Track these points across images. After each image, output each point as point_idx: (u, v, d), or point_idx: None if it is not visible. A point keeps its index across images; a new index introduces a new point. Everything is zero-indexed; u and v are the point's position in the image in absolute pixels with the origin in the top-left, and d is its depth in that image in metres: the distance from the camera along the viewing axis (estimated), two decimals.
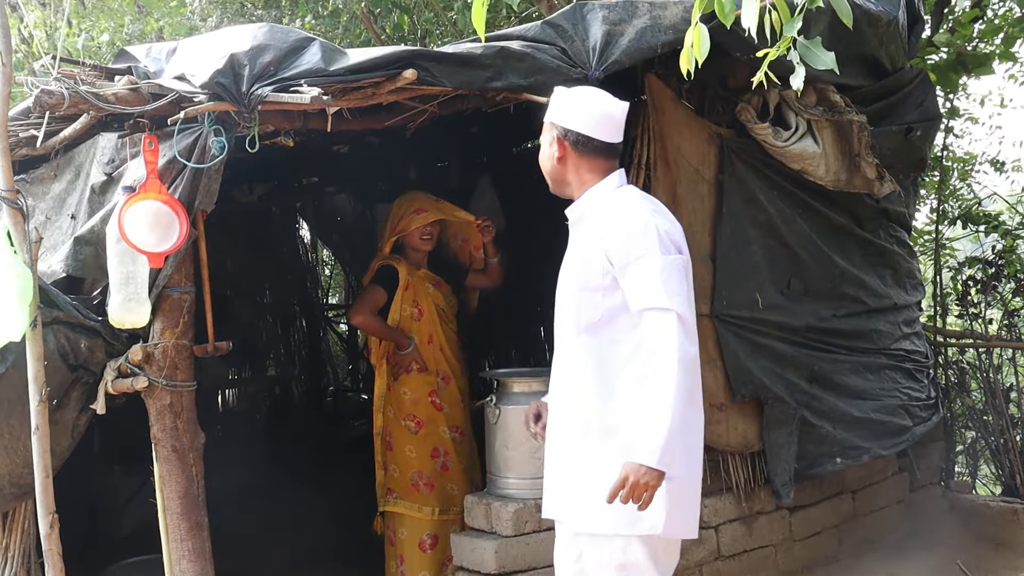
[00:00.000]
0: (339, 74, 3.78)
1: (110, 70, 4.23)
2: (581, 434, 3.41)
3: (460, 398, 5.53)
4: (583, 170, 3.50)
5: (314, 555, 6.47)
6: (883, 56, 5.39)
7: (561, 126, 3.48)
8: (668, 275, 3.26)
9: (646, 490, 3.13)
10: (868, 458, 5.59)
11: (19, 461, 4.08)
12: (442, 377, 5.46)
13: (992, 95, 9.04)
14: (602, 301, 3.36)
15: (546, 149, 3.55)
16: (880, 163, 5.43)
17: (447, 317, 5.53)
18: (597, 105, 3.49)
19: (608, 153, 3.51)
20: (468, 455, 5.50)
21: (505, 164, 7.53)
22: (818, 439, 5.31)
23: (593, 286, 3.37)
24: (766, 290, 5.18)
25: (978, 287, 7.26)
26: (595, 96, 3.52)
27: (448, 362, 5.50)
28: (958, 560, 5.61)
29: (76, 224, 4.26)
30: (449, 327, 5.54)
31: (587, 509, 3.37)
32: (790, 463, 5.19)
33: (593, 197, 3.50)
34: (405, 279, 5.37)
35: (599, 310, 3.37)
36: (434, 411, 5.40)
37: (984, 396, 7.09)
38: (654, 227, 3.33)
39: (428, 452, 5.37)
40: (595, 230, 3.43)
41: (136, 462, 5.92)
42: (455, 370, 5.53)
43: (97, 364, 4.10)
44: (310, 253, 10.02)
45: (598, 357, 3.39)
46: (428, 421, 5.38)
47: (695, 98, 5.11)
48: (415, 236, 5.40)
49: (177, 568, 4.06)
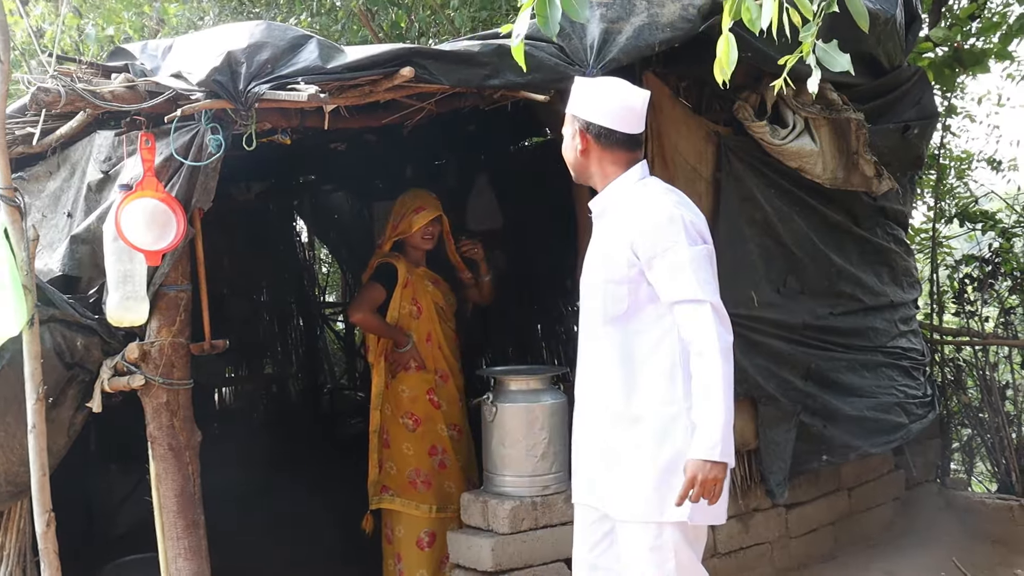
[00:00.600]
0: (336, 72, 3.77)
1: (107, 67, 4.22)
2: (609, 423, 3.48)
3: (458, 396, 5.53)
4: (606, 162, 3.51)
5: (311, 553, 6.47)
6: (881, 54, 5.39)
7: (583, 119, 3.49)
8: (698, 266, 3.32)
9: (715, 484, 3.21)
10: (855, 456, 5.61)
11: (15, 459, 4.07)
12: (440, 375, 5.46)
13: (990, 94, 9.04)
14: (628, 293, 3.41)
15: (569, 141, 3.57)
16: (878, 161, 5.43)
17: (446, 315, 5.53)
18: (618, 97, 3.50)
19: (630, 145, 3.52)
20: (465, 453, 5.51)
21: (503, 162, 7.54)
22: (807, 437, 5.33)
23: (618, 278, 3.41)
24: (762, 289, 5.18)
25: (975, 285, 7.27)
26: (616, 87, 3.53)
27: (446, 360, 5.50)
28: (954, 557, 5.63)
29: (72, 222, 4.25)
30: (448, 325, 5.54)
31: (619, 496, 3.45)
32: (786, 462, 5.20)
33: (616, 189, 3.52)
34: (404, 277, 5.36)
35: (624, 302, 3.42)
36: (432, 409, 5.40)
37: (980, 394, 7.10)
38: (680, 218, 3.37)
39: (426, 450, 5.37)
40: (620, 222, 3.46)
41: (132, 460, 5.91)
42: (453, 368, 5.52)
43: (93, 362, 4.10)
44: (307, 251, 10.02)
45: (622, 348, 3.45)
46: (426, 419, 5.38)
47: (692, 96, 5.10)
48: (417, 235, 5.39)
49: (173, 566, 4.06)
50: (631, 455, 3.42)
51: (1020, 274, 7.28)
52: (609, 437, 3.49)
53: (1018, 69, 8.51)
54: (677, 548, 3.40)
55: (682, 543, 3.41)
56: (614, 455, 3.47)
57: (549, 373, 4.96)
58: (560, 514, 4.61)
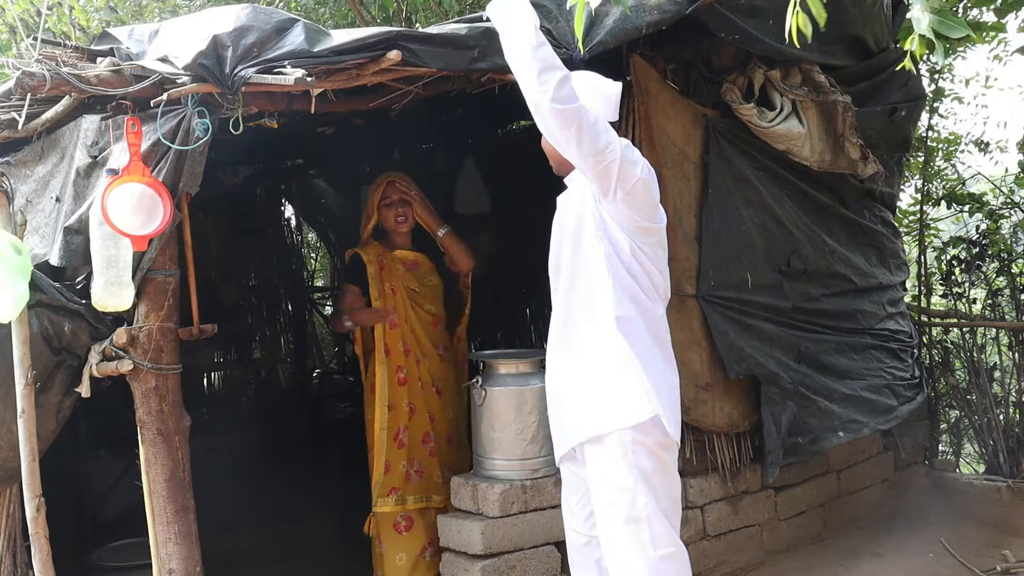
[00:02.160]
0: (323, 55, 3.76)
1: (92, 51, 4.20)
2: (560, 367, 3.85)
3: (431, 381, 5.39)
4: None
5: (301, 535, 6.48)
6: (868, 36, 5.40)
7: None
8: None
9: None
10: (868, 431, 5.66)
11: (4, 445, 4.07)
12: (415, 359, 5.36)
13: (978, 76, 9.05)
14: (598, 246, 3.66)
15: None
16: (865, 143, 5.44)
17: (420, 298, 5.38)
18: (596, 88, 3.71)
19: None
20: (447, 438, 5.43)
21: (490, 146, 7.53)
22: (820, 413, 5.35)
23: (592, 230, 3.67)
24: (760, 269, 5.20)
25: (962, 267, 7.29)
26: (592, 79, 3.73)
27: (419, 344, 5.39)
28: (942, 538, 5.65)
29: (61, 207, 4.23)
30: (424, 309, 5.40)
31: (577, 424, 3.74)
32: (783, 440, 5.20)
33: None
34: (374, 263, 5.29)
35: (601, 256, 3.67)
36: (400, 395, 5.30)
37: (968, 375, 7.12)
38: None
39: (392, 438, 5.25)
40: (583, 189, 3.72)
41: (122, 446, 5.90)
42: (428, 352, 5.39)
43: (81, 347, 4.09)
44: (295, 235, 10.01)
45: (593, 301, 3.72)
46: (394, 406, 5.27)
47: (680, 79, 5.10)
48: (390, 218, 5.31)
49: (163, 551, 4.06)
50: (574, 382, 3.76)
51: (1007, 255, 7.30)
52: (561, 379, 3.83)
53: (1005, 50, 8.51)
54: (650, 516, 3.59)
55: (655, 511, 3.60)
56: (566, 391, 3.79)
57: (538, 357, 4.94)
58: (550, 497, 4.62)
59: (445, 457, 5.34)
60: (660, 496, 3.63)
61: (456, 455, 5.40)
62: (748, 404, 5.19)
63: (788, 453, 5.24)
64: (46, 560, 3.84)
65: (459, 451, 5.42)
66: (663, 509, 3.64)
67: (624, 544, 3.61)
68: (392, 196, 5.31)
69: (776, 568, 5.40)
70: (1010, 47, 8.39)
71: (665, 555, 3.61)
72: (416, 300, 5.36)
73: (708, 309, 4.95)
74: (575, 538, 3.91)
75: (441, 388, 5.39)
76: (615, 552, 3.64)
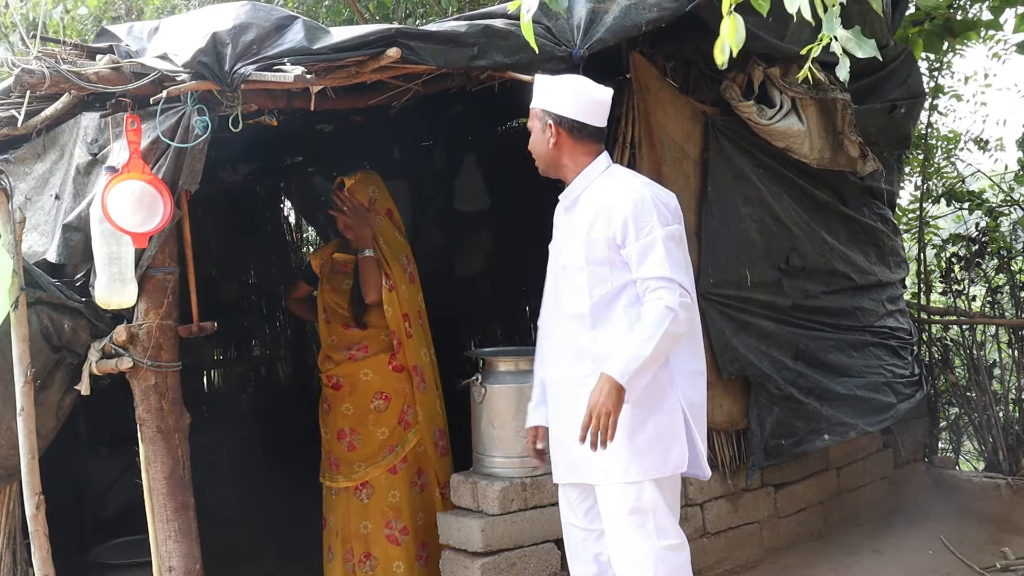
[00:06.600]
0: (322, 53, 3.76)
1: (91, 49, 4.20)
2: (585, 396, 3.58)
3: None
4: (578, 154, 3.76)
5: (301, 533, 6.47)
6: (867, 33, 5.38)
7: (556, 113, 3.71)
8: (669, 246, 3.55)
9: (608, 413, 3.40)
10: (855, 434, 5.64)
11: (4, 443, 4.06)
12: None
13: (977, 74, 9.04)
14: (610, 272, 3.62)
15: (539, 135, 3.77)
16: (864, 141, 5.44)
17: (336, 311, 5.36)
18: (588, 93, 3.73)
19: (598, 137, 3.77)
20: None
21: (489, 143, 7.52)
22: (806, 416, 5.34)
23: (600, 259, 3.63)
24: (760, 266, 5.20)
25: (962, 264, 7.28)
26: (584, 84, 3.76)
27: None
28: (942, 535, 5.66)
29: (61, 205, 4.23)
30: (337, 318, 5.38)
31: (596, 462, 3.62)
32: (766, 442, 5.21)
33: (586, 178, 3.75)
34: (320, 269, 5.37)
35: (608, 282, 3.64)
36: (332, 391, 5.48)
37: (967, 373, 7.12)
38: (651, 199, 3.62)
39: (335, 433, 5.46)
40: (595, 207, 3.68)
41: (121, 443, 5.90)
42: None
43: (81, 345, 4.08)
44: (295, 233, 9.99)
45: (602, 326, 3.65)
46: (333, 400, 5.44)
47: (679, 76, 5.11)
48: (339, 222, 5.21)
49: (163, 548, 4.06)
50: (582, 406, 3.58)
51: (1006, 253, 7.30)
52: (569, 399, 3.71)
53: (1004, 48, 8.50)
54: (656, 508, 3.62)
55: (660, 502, 3.63)
56: (576, 413, 3.61)
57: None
58: (550, 495, 4.61)
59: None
60: (665, 489, 3.68)
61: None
62: (748, 402, 5.18)
63: (770, 455, 5.25)
64: (46, 558, 3.83)
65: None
66: (667, 502, 3.68)
67: (630, 534, 3.64)
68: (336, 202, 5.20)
69: (776, 565, 5.40)
70: (1009, 45, 8.38)
71: (670, 545, 3.65)
72: (332, 313, 5.39)
73: (707, 307, 4.94)
74: (573, 532, 3.91)
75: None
76: (621, 542, 3.67)
